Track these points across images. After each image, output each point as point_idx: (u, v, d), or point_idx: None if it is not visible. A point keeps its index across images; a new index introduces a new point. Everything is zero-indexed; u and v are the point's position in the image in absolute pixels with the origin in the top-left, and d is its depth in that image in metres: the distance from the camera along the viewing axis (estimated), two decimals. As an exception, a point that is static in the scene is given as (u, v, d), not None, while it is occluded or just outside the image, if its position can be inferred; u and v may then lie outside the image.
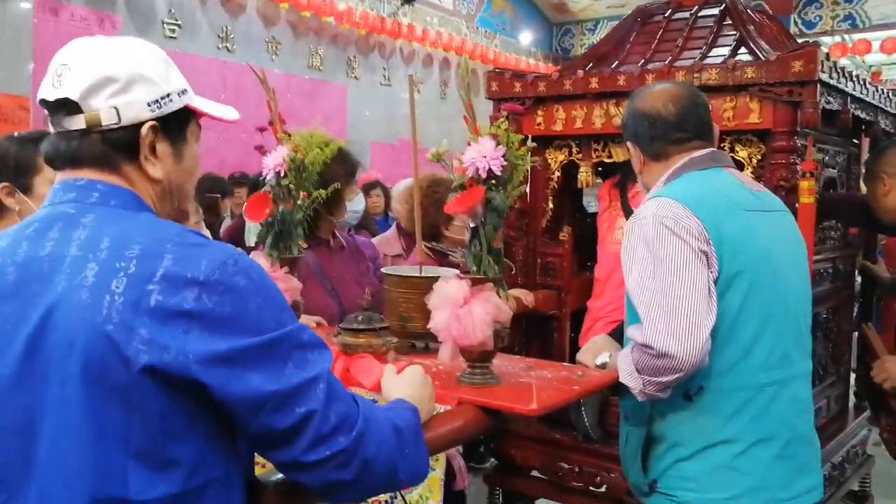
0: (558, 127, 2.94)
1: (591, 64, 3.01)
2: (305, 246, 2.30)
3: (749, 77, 2.52)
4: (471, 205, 1.63)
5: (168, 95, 1.18)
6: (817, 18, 9.42)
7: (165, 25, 6.83)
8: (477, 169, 1.64)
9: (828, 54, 2.56)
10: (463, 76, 1.70)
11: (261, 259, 2.01)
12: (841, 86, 2.61)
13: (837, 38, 9.46)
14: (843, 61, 10.10)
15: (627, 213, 2.84)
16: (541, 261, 3.09)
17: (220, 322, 1.03)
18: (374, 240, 3.68)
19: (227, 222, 5.71)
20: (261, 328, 1.06)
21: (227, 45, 7.35)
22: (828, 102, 2.55)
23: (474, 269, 1.70)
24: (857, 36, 9.29)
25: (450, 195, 1.69)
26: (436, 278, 1.79)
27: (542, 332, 3.08)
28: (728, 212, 1.77)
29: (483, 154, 1.63)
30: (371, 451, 1.15)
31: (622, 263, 1.82)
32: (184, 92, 1.22)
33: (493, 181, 1.66)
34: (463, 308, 1.63)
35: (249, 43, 7.54)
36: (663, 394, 1.73)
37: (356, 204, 2.71)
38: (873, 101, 2.95)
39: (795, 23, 9.53)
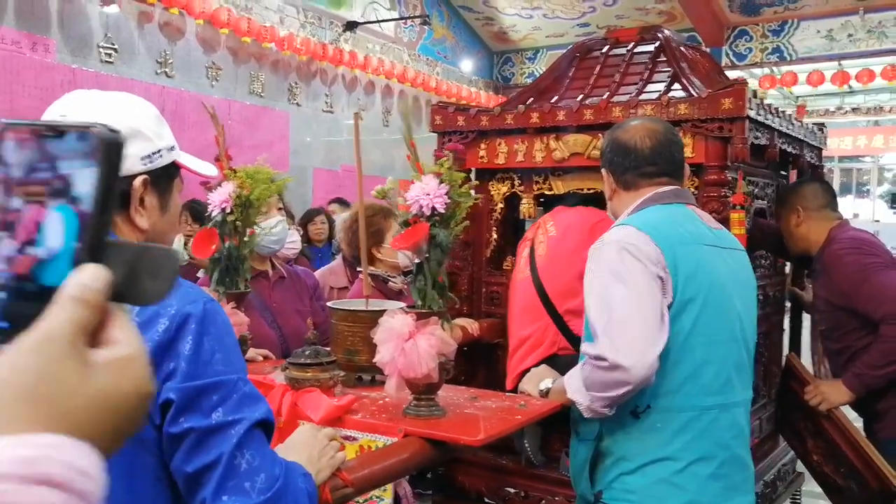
0: (500, 160, 3.01)
1: (531, 98, 3.09)
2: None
3: (682, 113, 2.62)
4: (415, 241, 1.67)
5: (159, 151, 1.23)
6: (747, 51, 9.79)
7: (101, 49, 6.73)
8: (421, 206, 1.68)
9: (755, 91, 2.69)
10: (405, 115, 1.74)
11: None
12: (768, 122, 2.74)
13: (767, 70, 9.83)
14: (771, 92, 10.52)
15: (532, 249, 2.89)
16: (485, 290, 3.14)
17: (184, 358, 1.07)
18: (320, 271, 3.68)
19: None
20: (208, 371, 1.08)
21: (166, 70, 7.27)
22: (756, 137, 2.68)
23: (419, 303, 1.73)
24: (784, 68, 9.67)
25: (393, 231, 1.72)
26: (382, 312, 1.82)
27: (487, 361, 3.12)
28: (685, 243, 1.87)
29: (427, 192, 1.67)
30: None
31: (584, 285, 1.89)
32: (172, 148, 1.27)
33: (437, 218, 1.70)
34: (408, 342, 1.66)
35: (189, 68, 7.47)
36: (609, 411, 1.80)
37: (269, 223, 2.61)
38: (799, 136, 3.11)
39: (727, 54, 9.89)
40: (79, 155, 0.48)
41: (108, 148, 0.48)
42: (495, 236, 3.12)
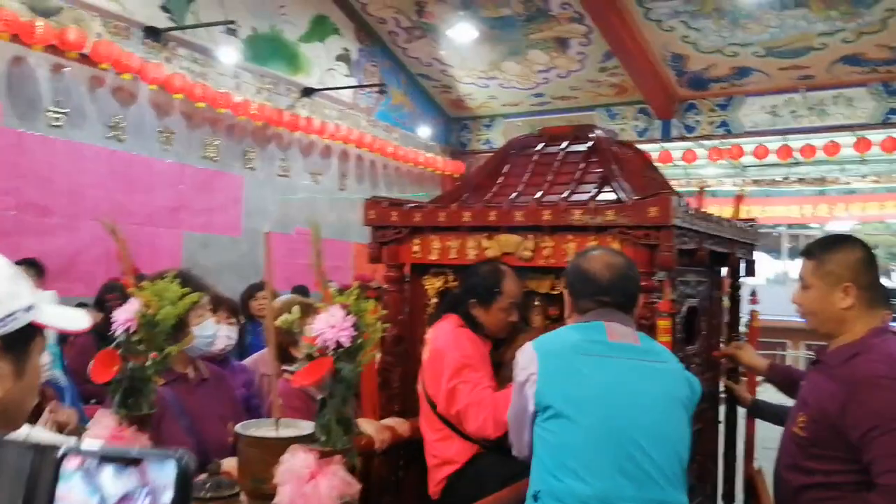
0: (434, 256, 2.99)
1: (466, 194, 3.09)
2: (162, 382, 2.21)
3: (609, 219, 2.64)
4: (318, 378, 1.61)
5: (12, 314, 1.13)
6: (696, 123, 10.04)
7: (50, 113, 6.65)
8: (325, 340, 1.63)
9: (681, 199, 2.71)
10: (314, 241, 1.70)
11: (107, 418, 1.92)
12: (696, 226, 2.76)
13: (716, 142, 10.07)
14: (721, 162, 10.76)
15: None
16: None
17: None
18: (251, 359, 3.59)
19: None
20: None
21: (117, 133, 7.20)
22: (683, 242, 2.69)
23: (322, 439, 1.67)
24: (732, 141, 9.92)
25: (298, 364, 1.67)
26: (290, 440, 1.75)
27: (419, 458, 3.05)
28: (560, 355, 2.07)
29: (332, 325, 1.63)
30: None
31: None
32: (30, 308, 1.17)
33: (343, 351, 1.65)
34: (309, 483, 1.60)
35: (140, 132, 7.40)
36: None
37: (206, 329, 2.63)
38: (728, 235, 3.14)
39: (677, 126, 10.13)
40: (155, 482, 0.52)
41: (183, 476, 0.52)
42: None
